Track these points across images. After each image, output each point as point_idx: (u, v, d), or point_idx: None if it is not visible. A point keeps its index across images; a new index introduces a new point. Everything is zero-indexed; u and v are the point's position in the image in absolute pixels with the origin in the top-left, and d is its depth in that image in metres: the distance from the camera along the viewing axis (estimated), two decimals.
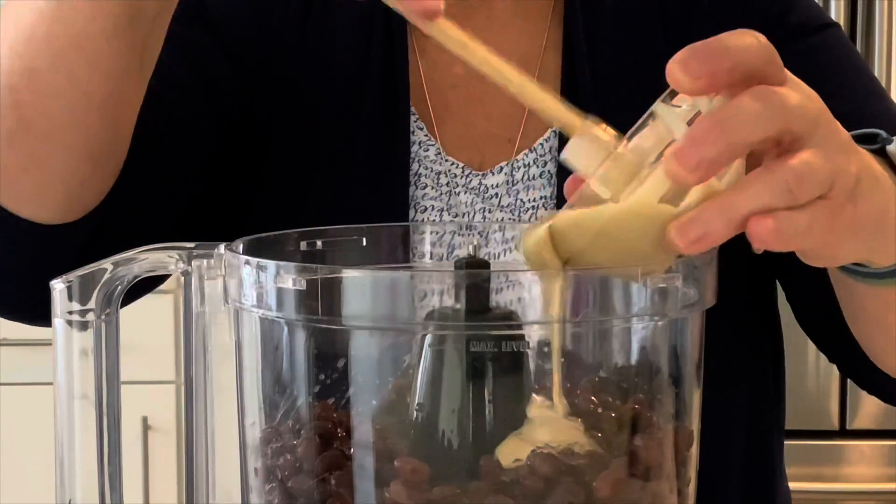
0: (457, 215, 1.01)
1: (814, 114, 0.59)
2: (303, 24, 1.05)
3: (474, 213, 1.01)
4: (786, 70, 0.61)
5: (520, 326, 0.62)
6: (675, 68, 0.58)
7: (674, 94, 0.61)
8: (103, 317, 0.69)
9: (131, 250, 0.71)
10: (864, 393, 1.09)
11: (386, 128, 1.01)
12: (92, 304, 0.69)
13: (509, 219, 1.01)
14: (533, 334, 0.64)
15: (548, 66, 1.04)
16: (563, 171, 0.97)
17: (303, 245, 0.74)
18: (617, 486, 0.62)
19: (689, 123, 0.60)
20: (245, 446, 0.68)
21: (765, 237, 0.57)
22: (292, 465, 0.64)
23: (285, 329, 0.65)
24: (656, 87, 0.62)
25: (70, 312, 0.69)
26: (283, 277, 0.62)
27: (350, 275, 0.62)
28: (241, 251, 0.68)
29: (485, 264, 0.72)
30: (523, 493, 0.61)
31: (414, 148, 1.02)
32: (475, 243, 0.79)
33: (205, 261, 0.70)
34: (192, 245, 0.71)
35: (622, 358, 0.66)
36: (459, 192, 1.01)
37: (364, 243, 0.77)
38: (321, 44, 1.05)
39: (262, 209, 1.03)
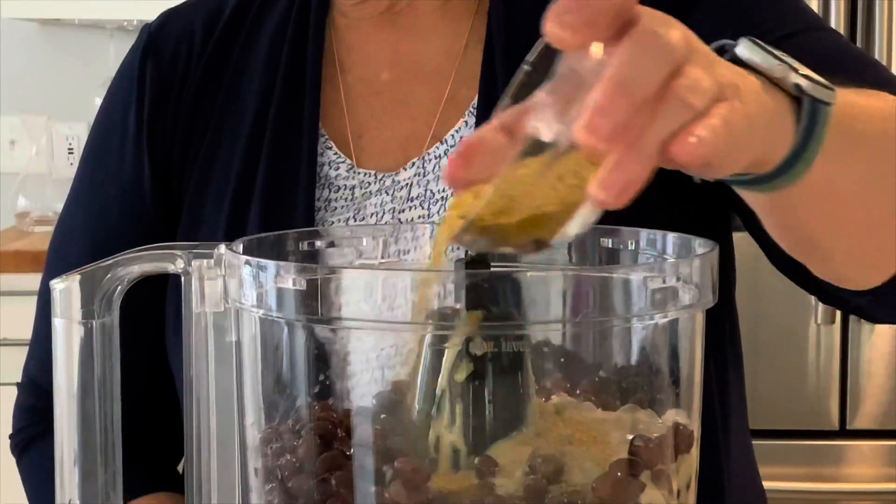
0: (363, 218, 1.01)
1: (684, 41, 0.59)
2: (225, 57, 1.09)
3: (384, 213, 1.01)
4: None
5: (520, 326, 0.62)
6: (554, 29, 0.56)
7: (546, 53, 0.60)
8: (103, 317, 0.69)
9: (131, 250, 0.71)
10: (864, 393, 1.08)
11: (286, 158, 1.03)
12: (92, 305, 0.69)
13: (419, 216, 1.01)
14: (533, 334, 0.64)
15: (469, 62, 1.05)
16: None
17: (303, 245, 0.74)
18: (617, 486, 0.62)
19: (535, 63, 0.60)
20: (245, 446, 0.68)
21: (692, 153, 0.57)
22: (292, 466, 0.64)
23: (285, 329, 0.65)
24: None
25: (70, 312, 0.69)
26: (283, 277, 0.62)
27: (350, 275, 0.62)
28: (240, 251, 0.68)
29: (485, 264, 0.72)
30: (523, 493, 0.61)
31: (325, 169, 1.03)
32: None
33: (205, 261, 0.70)
34: (192, 245, 0.71)
35: (622, 358, 0.66)
36: (369, 198, 1.02)
37: (364, 243, 0.78)
38: (242, 74, 1.08)
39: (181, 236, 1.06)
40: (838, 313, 2.34)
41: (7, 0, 2.75)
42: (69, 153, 3.02)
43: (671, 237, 0.73)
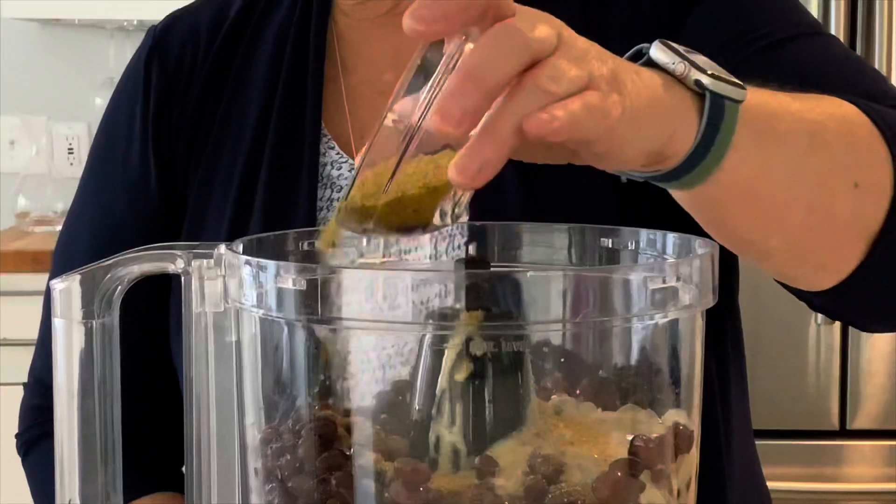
0: None
1: (553, 37, 0.61)
2: (230, 58, 1.09)
3: None
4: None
5: (520, 326, 0.62)
6: (408, 20, 0.61)
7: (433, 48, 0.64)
8: (104, 317, 0.69)
9: (131, 250, 0.71)
10: (864, 393, 1.08)
11: (288, 157, 1.04)
12: (92, 305, 0.69)
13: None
14: (533, 334, 0.64)
15: None
16: None
17: (303, 245, 0.74)
18: (617, 487, 0.62)
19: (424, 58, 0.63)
20: (245, 446, 0.68)
21: (541, 127, 0.59)
22: (292, 466, 0.64)
23: (285, 329, 0.65)
24: None
25: (70, 312, 0.69)
26: (283, 277, 0.62)
27: (350, 275, 0.62)
28: (240, 251, 0.68)
29: (485, 264, 0.72)
30: (523, 493, 0.61)
31: (327, 169, 1.03)
32: (475, 243, 0.79)
33: (205, 261, 0.70)
34: (192, 245, 0.71)
35: (622, 358, 0.66)
36: None
37: (364, 242, 0.77)
38: (246, 74, 1.08)
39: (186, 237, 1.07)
40: None
41: (7, 0, 2.75)
42: (69, 153, 3.02)
43: (671, 237, 0.73)
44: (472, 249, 0.81)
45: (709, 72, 0.68)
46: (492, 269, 0.72)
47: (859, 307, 0.88)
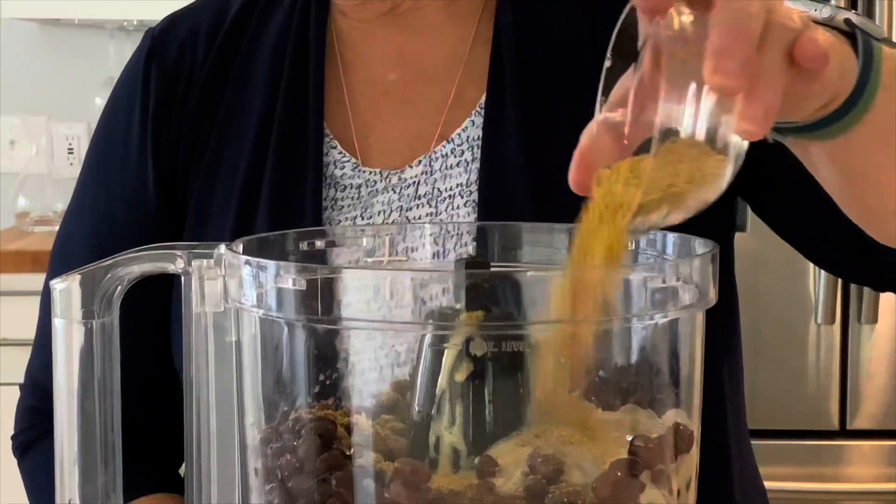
0: (371, 217, 1.01)
1: None
2: (230, 59, 1.09)
3: (391, 211, 1.02)
4: None
5: (520, 326, 0.62)
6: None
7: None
8: (103, 317, 0.69)
9: (131, 250, 0.71)
10: (864, 393, 1.08)
11: (292, 158, 1.04)
12: (92, 305, 0.69)
13: (427, 214, 1.01)
14: (533, 334, 0.64)
15: (475, 62, 1.05)
16: (481, 159, 1.00)
17: (303, 245, 0.74)
18: (617, 487, 0.62)
19: (613, 54, 0.65)
20: (245, 446, 0.68)
21: (812, 48, 0.64)
22: (292, 466, 0.64)
23: (285, 329, 0.65)
24: (585, 74, 0.63)
25: (70, 312, 0.69)
26: (283, 277, 0.62)
27: (350, 275, 0.62)
28: (241, 251, 0.68)
29: (485, 264, 0.72)
30: (523, 493, 0.61)
31: (330, 169, 1.03)
32: (474, 243, 0.79)
33: (205, 261, 0.70)
34: (192, 245, 0.71)
35: (622, 358, 0.66)
36: (376, 196, 1.02)
37: (365, 242, 0.78)
38: (246, 76, 1.08)
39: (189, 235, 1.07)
40: (838, 313, 2.34)
41: (7, 0, 2.75)
42: (69, 153, 3.02)
43: (671, 237, 0.73)
44: (472, 249, 0.82)
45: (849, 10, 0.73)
46: (492, 269, 0.72)
47: None
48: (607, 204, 0.63)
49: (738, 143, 0.64)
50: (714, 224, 1.02)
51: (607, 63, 0.66)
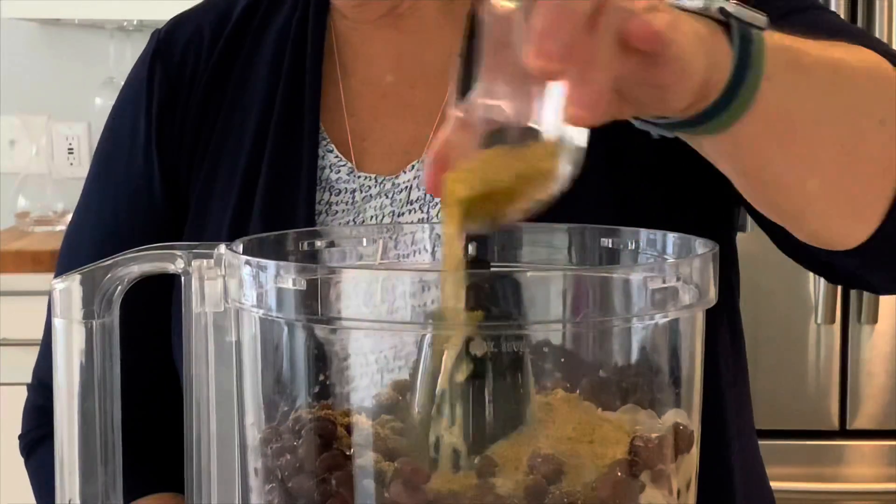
0: (363, 221, 1.01)
1: None
2: (233, 59, 1.10)
3: (383, 216, 1.02)
4: None
5: (520, 326, 0.62)
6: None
7: None
8: (104, 317, 0.69)
9: (131, 250, 0.71)
10: (864, 393, 1.08)
11: (288, 160, 1.04)
12: (92, 305, 0.69)
13: (418, 219, 1.01)
14: (533, 334, 0.64)
15: None
16: None
17: (303, 245, 0.74)
18: (617, 487, 0.62)
19: (464, 52, 0.63)
20: (245, 446, 0.68)
21: (644, 28, 0.61)
22: (292, 466, 0.64)
23: (285, 329, 0.65)
24: None
25: (70, 312, 0.69)
26: (283, 277, 0.62)
27: (350, 275, 0.62)
28: (241, 251, 0.68)
29: (485, 264, 0.72)
30: (523, 493, 0.61)
31: (325, 173, 1.03)
32: (474, 243, 0.79)
33: (205, 261, 0.70)
34: (192, 245, 0.71)
35: (622, 358, 0.66)
36: (370, 201, 1.02)
37: (364, 243, 0.77)
38: (247, 77, 1.09)
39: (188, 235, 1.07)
40: (838, 313, 2.34)
41: (7, 0, 2.75)
42: (69, 153, 3.02)
43: (671, 237, 0.73)
44: (472, 249, 0.81)
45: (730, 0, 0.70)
46: (492, 269, 0.72)
47: (889, 263, 0.87)
48: (444, 204, 0.63)
49: (572, 136, 0.61)
50: (714, 224, 1.02)
51: (460, 54, 0.64)
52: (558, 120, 0.60)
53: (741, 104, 0.69)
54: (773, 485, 1.13)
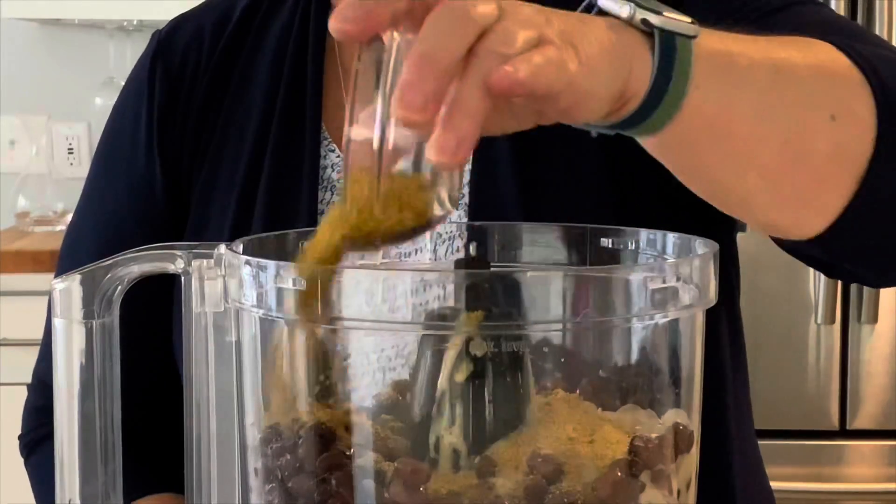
0: None
1: (494, 8, 0.61)
2: (233, 62, 1.10)
3: None
4: None
5: (520, 326, 0.62)
6: (335, 24, 0.60)
7: None
8: (104, 317, 0.69)
9: (131, 250, 0.71)
10: (864, 393, 1.08)
11: (289, 160, 1.04)
12: (92, 305, 0.69)
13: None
14: (533, 334, 0.64)
15: None
16: (472, 160, 0.99)
17: (303, 245, 0.74)
18: (617, 487, 0.62)
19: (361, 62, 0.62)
20: (245, 446, 0.68)
21: (506, 79, 0.59)
22: (292, 466, 0.64)
23: (285, 329, 0.65)
24: None
25: (70, 312, 0.69)
26: (283, 277, 0.62)
27: (350, 275, 0.62)
28: (240, 251, 0.68)
29: (485, 264, 0.72)
30: (523, 493, 0.61)
31: (327, 172, 1.04)
32: (474, 244, 0.79)
33: (205, 261, 0.70)
34: (192, 245, 0.71)
35: (622, 358, 0.66)
36: None
37: None
38: (248, 77, 1.09)
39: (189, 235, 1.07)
40: (838, 313, 2.34)
41: (7, 0, 2.75)
42: (69, 153, 3.02)
43: (671, 237, 0.73)
44: (472, 249, 0.81)
45: (657, 11, 0.69)
46: (492, 269, 0.72)
47: (857, 254, 0.87)
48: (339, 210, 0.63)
49: (442, 175, 0.62)
50: (714, 224, 1.02)
51: (357, 67, 0.63)
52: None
53: (665, 111, 0.69)
54: (773, 485, 1.13)
